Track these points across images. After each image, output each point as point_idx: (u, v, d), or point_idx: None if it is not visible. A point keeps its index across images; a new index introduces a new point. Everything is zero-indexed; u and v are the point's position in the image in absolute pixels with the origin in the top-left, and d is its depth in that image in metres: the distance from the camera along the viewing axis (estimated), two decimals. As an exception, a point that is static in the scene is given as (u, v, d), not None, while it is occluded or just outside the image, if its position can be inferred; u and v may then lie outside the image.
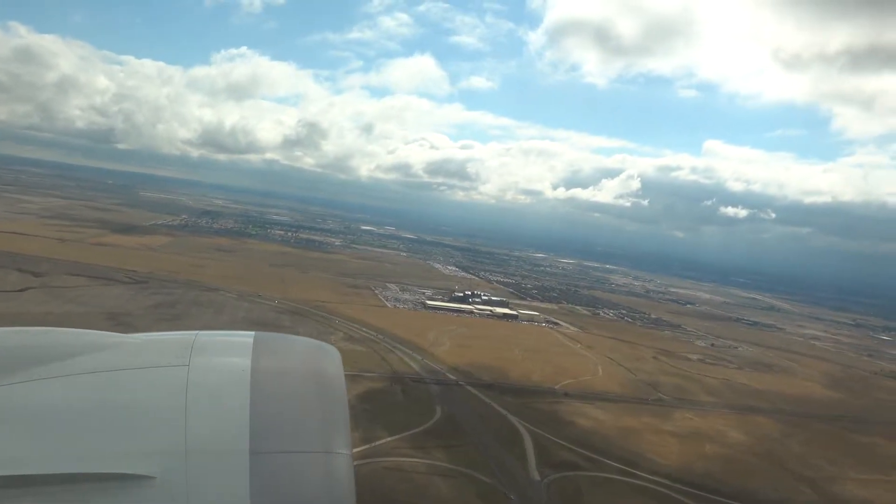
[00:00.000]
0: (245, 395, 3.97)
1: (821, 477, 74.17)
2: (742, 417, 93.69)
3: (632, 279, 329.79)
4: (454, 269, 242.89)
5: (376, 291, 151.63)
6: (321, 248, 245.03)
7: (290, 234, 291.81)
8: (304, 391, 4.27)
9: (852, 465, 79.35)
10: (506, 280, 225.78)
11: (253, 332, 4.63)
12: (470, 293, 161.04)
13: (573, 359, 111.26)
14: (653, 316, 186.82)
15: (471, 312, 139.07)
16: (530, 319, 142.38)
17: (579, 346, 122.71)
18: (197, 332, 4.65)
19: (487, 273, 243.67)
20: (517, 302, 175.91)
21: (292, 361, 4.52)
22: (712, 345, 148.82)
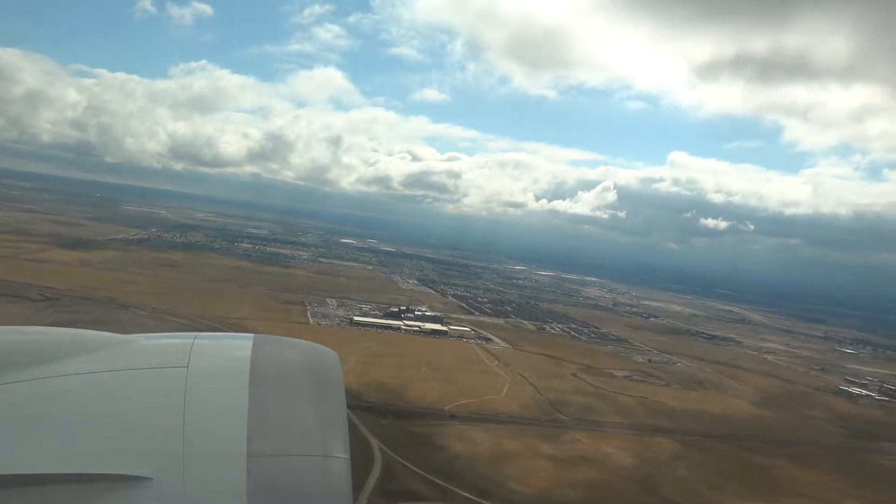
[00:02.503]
0: (243, 397, 3.94)
1: (693, 503, 71.23)
2: (641, 439, 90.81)
3: (605, 292, 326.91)
4: (415, 283, 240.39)
5: (309, 307, 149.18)
6: (282, 262, 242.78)
7: (258, 247, 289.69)
8: (302, 394, 4.22)
9: (735, 491, 76.37)
10: (463, 294, 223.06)
11: (252, 335, 4.59)
12: (405, 308, 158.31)
13: (482, 377, 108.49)
14: (603, 330, 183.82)
15: (398, 329, 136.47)
16: (460, 335, 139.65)
17: (497, 363, 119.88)
18: (196, 333, 4.64)
19: (449, 287, 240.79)
20: (464, 317, 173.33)
21: (291, 364, 4.46)
22: (650, 360, 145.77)
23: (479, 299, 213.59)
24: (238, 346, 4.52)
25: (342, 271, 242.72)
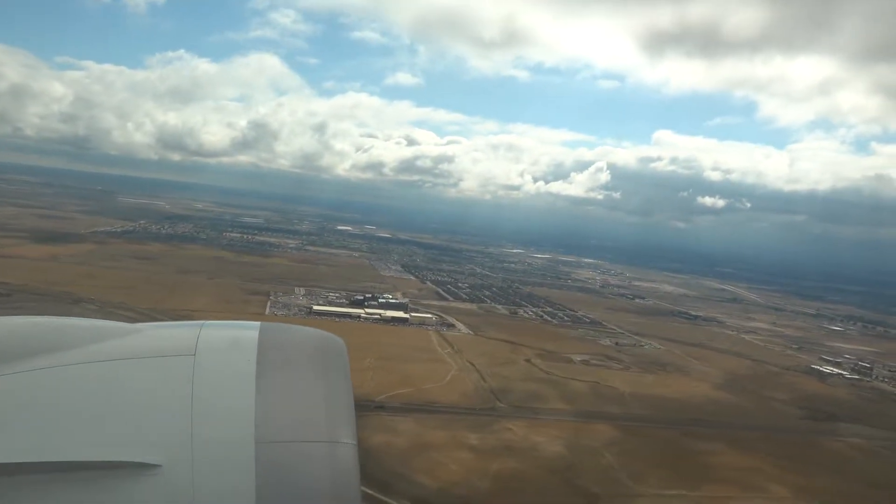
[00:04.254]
0: (250, 384, 3.94)
1: (609, 493, 69.59)
2: (579, 426, 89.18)
3: (599, 273, 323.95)
4: (398, 269, 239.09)
5: (273, 298, 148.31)
6: (265, 252, 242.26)
7: (247, 236, 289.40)
8: (309, 381, 4.20)
9: (661, 478, 74.51)
10: (444, 280, 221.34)
11: (258, 322, 4.56)
12: (370, 296, 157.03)
13: (427, 366, 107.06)
14: (579, 313, 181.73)
15: (358, 317, 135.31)
16: (421, 323, 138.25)
17: (449, 350, 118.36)
18: (203, 321, 4.62)
19: (433, 273, 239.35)
20: (435, 303, 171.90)
21: (298, 351, 4.43)
22: (616, 343, 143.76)
23: (460, 285, 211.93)
24: (245, 333, 4.45)
25: (326, 259, 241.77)
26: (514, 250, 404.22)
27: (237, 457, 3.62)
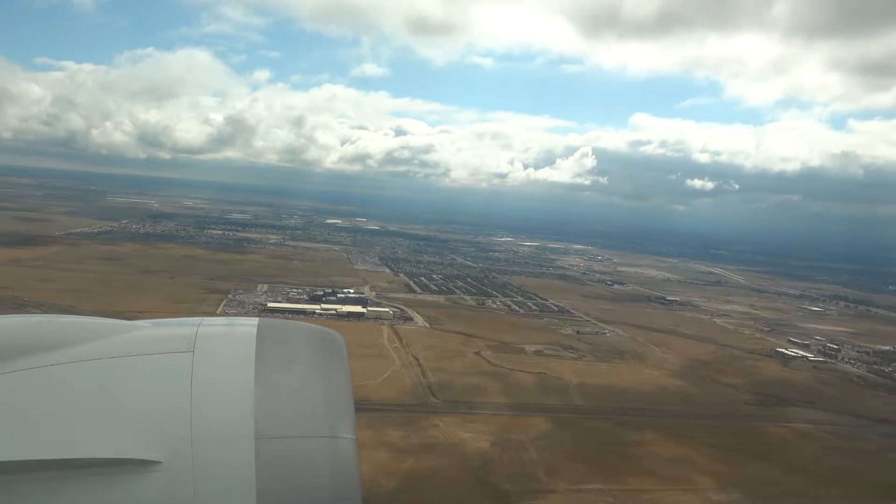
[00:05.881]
0: (250, 380, 3.98)
1: (520, 490, 68.11)
2: (512, 420, 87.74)
3: (585, 259, 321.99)
4: (375, 262, 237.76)
5: (230, 295, 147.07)
6: (242, 249, 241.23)
7: (228, 233, 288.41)
8: (308, 376, 4.25)
9: (580, 472, 73.00)
10: (418, 271, 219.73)
11: (257, 319, 4.61)
12: (330, 291, 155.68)
13: (369, 361, 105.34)
14: (549, 302, 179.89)
15: (313, 313, 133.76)
16: (377, 317, 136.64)
17: (397, 345, 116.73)
18: (201, 319, 4.66)
19: (410, 265, 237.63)
20: (402, 296, 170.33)
21: (296, 347, 4.47)
22: (578, 332, 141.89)
23: (434, 276, 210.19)
24: (243, 330, 4.50)
25: (302, 255, 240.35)
26: (503, 239, 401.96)
27: (237, 453, 3.65)
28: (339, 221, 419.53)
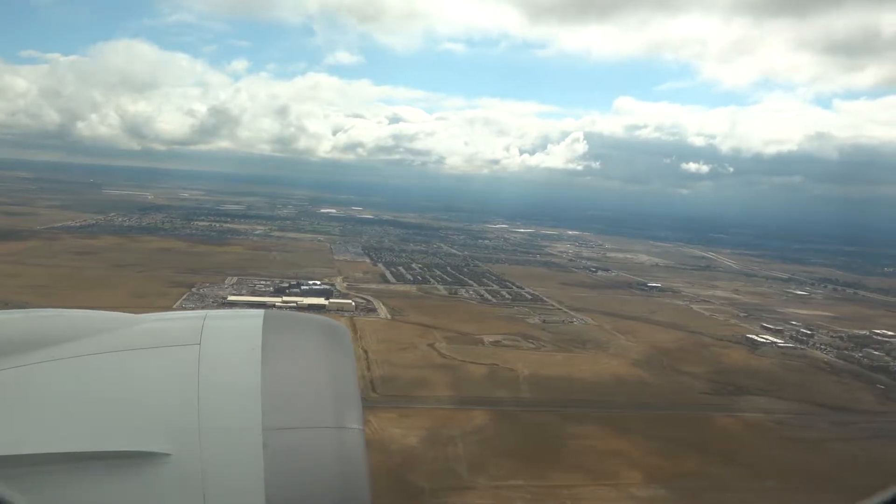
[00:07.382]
0: (256, 372, 3.95)
1: (437, 488, 66.54)
2: (451, 414, 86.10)
3: (576, 245, 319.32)
4: (356, 252, 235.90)
5: (194, 289, 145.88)
6: (223, 240, 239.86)
7: (214, 224, 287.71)
8: (314, 368, 4.21)
9: (505, 468, 71.34)
10: (398, 260, 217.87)
11: (262, 311, 4.52)
12: (295, 283, 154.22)
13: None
14: (525, 290, 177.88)
15: (272, 306, 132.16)
16: (339, 309, 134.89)
17: (351, 337, 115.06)
18: (207, 311, 4.66)
19: (394, 254, 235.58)
20: (374, 287, 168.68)
21: (302, 339, 4.40)
22: (544, 321, 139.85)
23: (413, 266, 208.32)
24: (249, 322, 4.39)
25: (284, 246, 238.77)
26: (497, 226, 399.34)
27: (245, 444, 3.63)
28: (333, 211, 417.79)
